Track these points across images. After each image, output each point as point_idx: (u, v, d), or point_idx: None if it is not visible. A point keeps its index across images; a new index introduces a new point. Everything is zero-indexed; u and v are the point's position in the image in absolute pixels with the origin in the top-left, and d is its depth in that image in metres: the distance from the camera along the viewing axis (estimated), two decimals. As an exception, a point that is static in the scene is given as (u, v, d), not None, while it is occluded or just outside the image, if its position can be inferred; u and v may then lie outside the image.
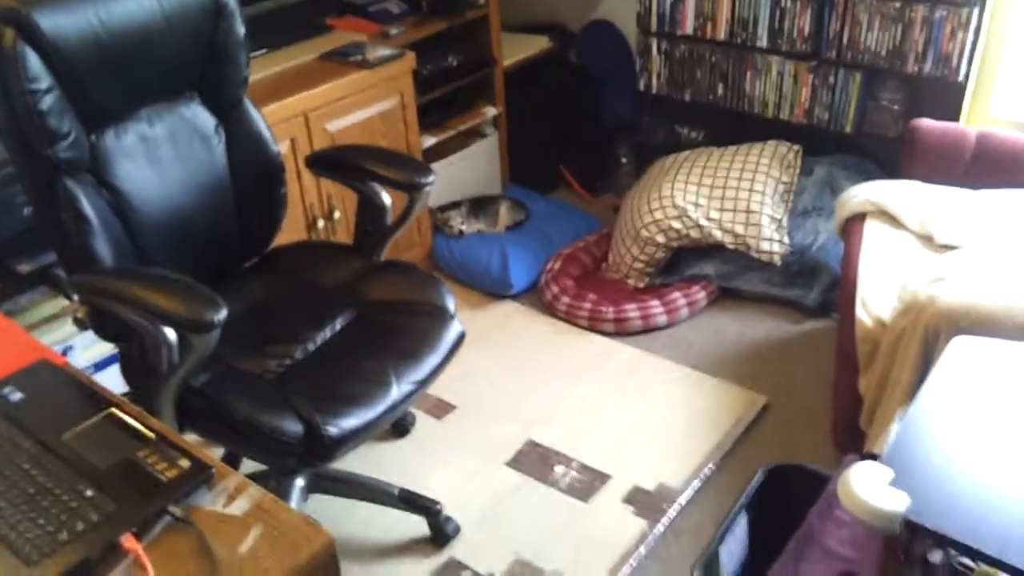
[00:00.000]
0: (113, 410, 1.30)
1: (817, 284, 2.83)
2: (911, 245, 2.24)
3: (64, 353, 2.11)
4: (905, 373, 1.91)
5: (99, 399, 1.33)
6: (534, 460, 2.36)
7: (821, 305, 2.83)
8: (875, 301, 2.08)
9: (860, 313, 2.07)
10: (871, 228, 2.29)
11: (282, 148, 2.37)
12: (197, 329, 1.53)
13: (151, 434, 1.25)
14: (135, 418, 1.29)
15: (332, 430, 1.66)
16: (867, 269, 2.15)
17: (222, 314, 1.52)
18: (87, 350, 2.14)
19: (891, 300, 2.06)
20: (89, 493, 1.13)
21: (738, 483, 2.24)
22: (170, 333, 1.57)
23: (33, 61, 1.58)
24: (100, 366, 2.17)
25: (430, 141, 3.10)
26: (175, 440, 1.24)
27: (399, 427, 2.45)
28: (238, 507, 1.16)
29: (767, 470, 1.76)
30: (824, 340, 2.73)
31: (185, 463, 1.19)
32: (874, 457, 1.25)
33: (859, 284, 2.12)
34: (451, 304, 2.01)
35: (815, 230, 2.89)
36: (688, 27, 3.11)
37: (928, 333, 1.86)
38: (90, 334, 1.80)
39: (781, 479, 1.76)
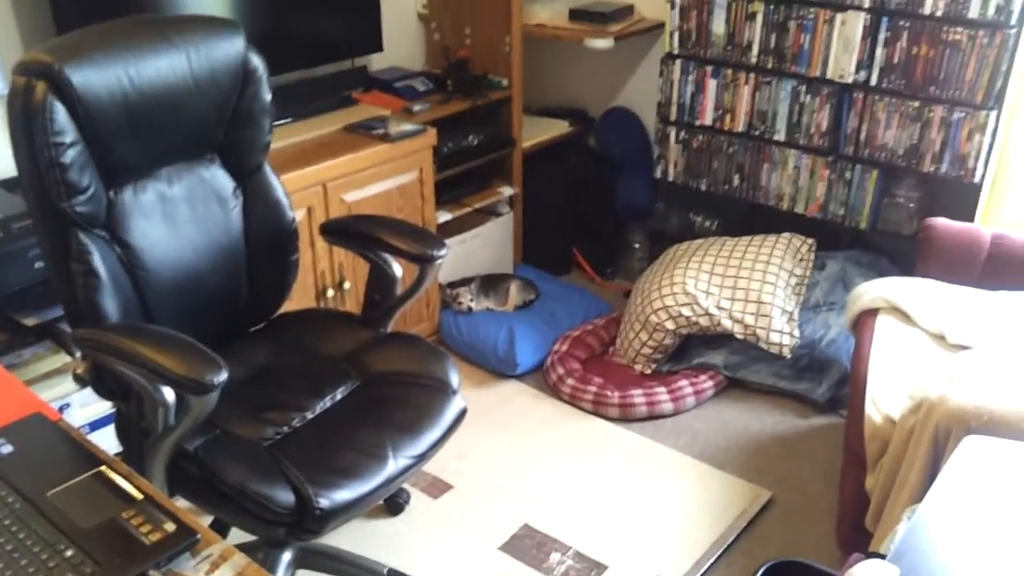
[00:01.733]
0: (103, 469, 1.28)
1: (826, 379, 2.80)
2: (923, 343, 2.21)
3: (61, 410, 2.09)
4: (914, 472, 1.86)
5: (90, 457, 1.31)
6: (529, 546, 2.30)
7: (829, 401, 2.79)
8: (885, 398, 2.04)
9: (870, 410, 2.03)
10: (883, 325, 2.28)
11: (298, 215, 2.38)
12: (196, 390, 1.51)
13: (139, 495, 1.23)
14: (124, 478, 1.26)
15: (324, 502, 1.62)
16: (878, 366, 2.13)
17: (222, 376, 1.50)
18: (84, 408, 2.13)
19: (901, 398, 2.02)
20: (69, 552, 1.10)
21: (740, 580, 2.18)
22: (168, 393, 1.56)
23: (61, 115, 1.60)
24: (96, 426, 2.15)
25: (445, 217, 3.12)
26: (162, 503, 1.22)
27: (393, 504, 2.40)
28: (220, 576, 1.13)
29: (769, 566, 1.71)
30: (831, 436, 2.69)
31: (170, 526, 1.16)
32: (880, 556, 1.20)
33: (869, 381, 2.09)
34: (455, 379, 1.99)
35: (826, 324, 2.87)
36: (707, 118, 3.15)
37: (939, 432, 1.82)
38: (88, 392, 1.79)
39: (783, 578, 1.70)
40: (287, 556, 1.92)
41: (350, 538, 2.28)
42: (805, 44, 2.86)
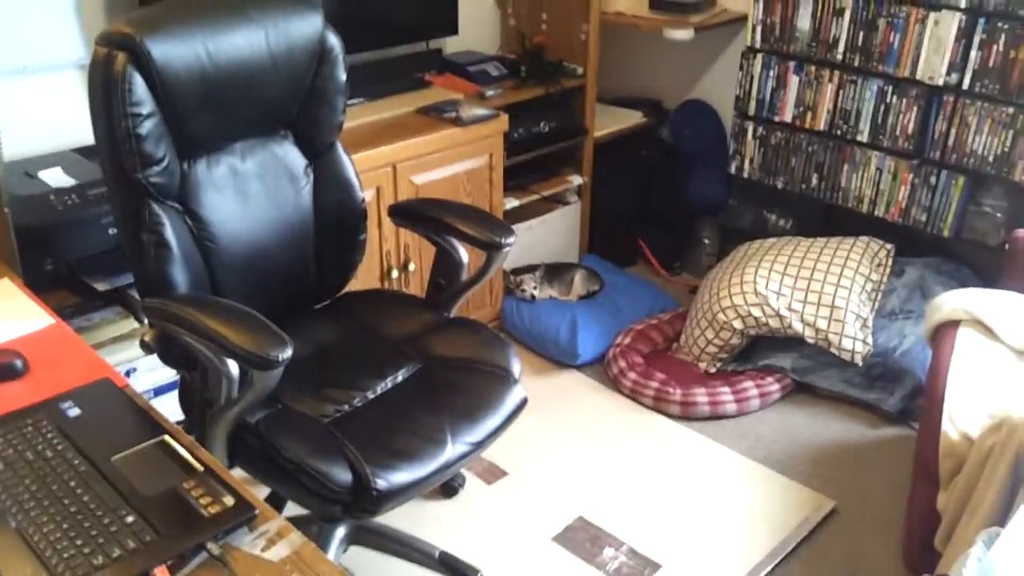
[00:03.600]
0: (166, 437, 1.29)
1: (899, 389, 2.71)
2: (1007, 360, 2.12)
3: (128, 374, 2.12)
4: (990, 494, 1.78)
5: (154, 425, 1.33)
6: (583, 539, 2.27)
7: (901, 412, 2.70)
8: (963, 415, 1.96)
9: (946, 426, 1.95)
10: (964, 337, 2.18)
11: (367, 195, 2.38)
12: (260, 365, 1.52)
13: (200, 466, 1.23)
14: (186, 448, 1.27)
15: (381, 483, 1.62)
16: (957, 380, 2.04)
17: (287, 353, 1.50)
18: (150, 374, 2.16)
19: (981, 416, 1.94)
20: (130, 519, 1.11)
21: (798, 591, 2.12)
22: (233, 366, 1.56)
23: (139, 86, 1.62)
24: (160, 391, 2.19)
25: (513, 203, 3.10)
26: (223, 475, 1.22)
27: (448, 488, 2.39)
28: (276, 553, 1.13)
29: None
30: (901, 449, 2.60)
31: (229, 500, 1.17)
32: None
33: (947, 395, 2.01)
34: (516, 368, 1.97)
35: (901, 333, 2.77)
36: (787, 115, 3.07)
37: (1020, 455, 1.74)
38: (154, 359, 1.81)
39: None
40: (341, 531, 1.93)
41: (403, 518, 2.28)
42: (895, 43, 2.76)
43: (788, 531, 2.30)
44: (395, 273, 2.69)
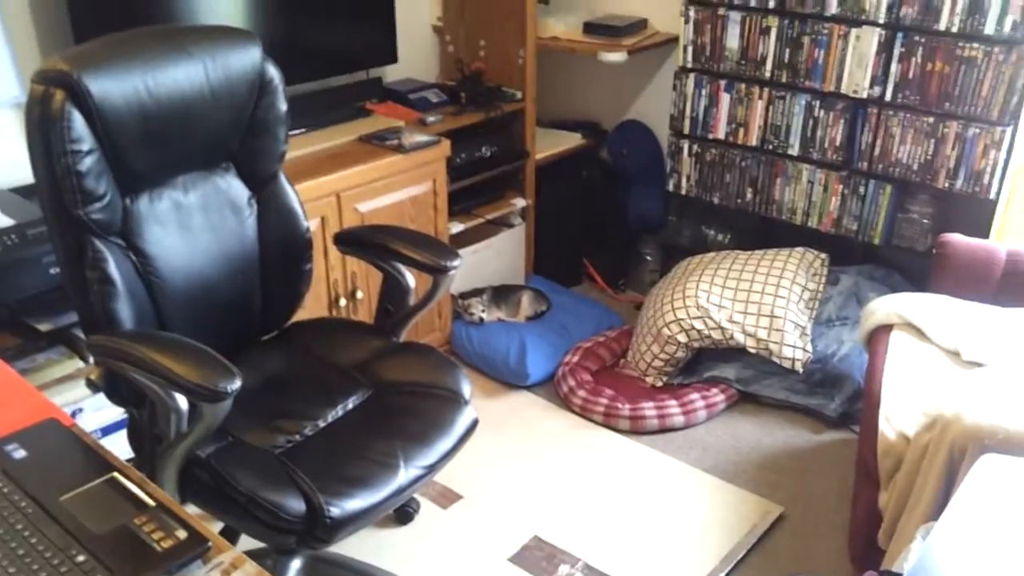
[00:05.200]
0: (115, 475, 1.28)
1: (839, 394, 2.79)
2: (937, 360, 2.20)
3: (74, 415, 2.10)
4: (928, 490, 1.85)
5: (102, 463, 1.31)
6: (539, 558, 2.29)
7: (842, 416, 2.77)
8: (899, 415, 2.03)
9: (883, 426, 2.02)
10: (897, 341, 2.26)
11: (312, 225, 2.39)
12: (209, 398, 1.52)
13: (151, 501, 1.23)
14: (136, 484, 1.26)
15: (334, 511, 1.62)
16: (891, 382, 2.11)
17: (235, 384, 1.51)
18: (97, 413, 2.13)
19: (916, 415, 2.01)
20: (81, 558, 1.10)
21: (750, 596, 2.16)
22: (181, 400, 1.56)
23: (78, 123, 1.61)
24: (108, 431, 2.16)
25: (458, 228, 3.13)
26: (175, 510, 1.22)
27: (403, 514, 2.39)
28: (231, 584, 1.13)
29: (781, 584, 1.70)
30: (843, 452, 2.67)
31: (182, 534, 1.16)
32: (894, 574, 1.19)
33: (883, 397, 2.08)
34: (467, 390, 1.99)
35: (839, 340, 2.86)
36: (720, 131, 3.15)
37: (954, 450, 1.81)
38: (101, 398, 1.79)
39: (795, 595, 1.69)
40: (297, 564, 1.91)
41: (359, 547, 2.27)
42: (819, 59, 2.86)
43: (738, 539, 2.35)
44: (343, 301, 2.69)
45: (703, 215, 3.38)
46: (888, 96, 2.77)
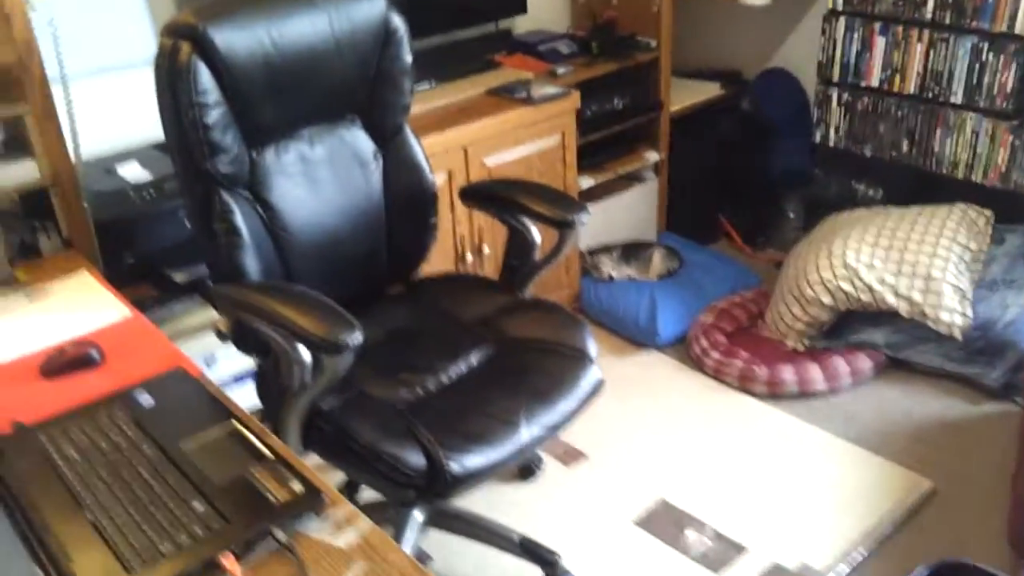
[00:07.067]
0: (236, 425, 1.29)
1: (1001, 363, 2.56)
2: (1121, 329, 1.97)
3: (208, 364, 2.16)
4: (1106, 474, 1.66)
5: (225, 412, 1.33)
6: (665, 522, 2.22)
7: (1004, 387, 2.55)
8: (1073, 388, 1.83)
9: (1054, 400, 1.83)
10: (1072, 306, 2.04)
11: (438, 179, 2.37)
12: (330, 350, 1.51)
13: (269, 453, 1.23)
14: (256, 435, 1.27)
15: (454, 467, 1.60)
16: (1065, 351, 1.91)
17: (357, 338, 1.49)
18: (230, 362, 2.19)
19: (1093, 389, 1.81)
20: (199, 506, 1.12)
21: (894, 574, 2.02)
22: (304, 352, 1.56)
23: (204, 75, 1.63)
24: (241, 379, 2.22)
25: (588, 182, 3.05)
26: (292, 462, 1.22)
27: (525, 469, 2.37)
28: (344, 539, 1.11)
29: (932, 567, 1.56)
30: (1004, 425, 2.46)
31: (298, 487, 1.16)
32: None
33: (1054, 368, 1.88)
34: (592, 349, 1.92)
35: (1003, 304, 2.62)
36: (874, 79, 2.93)
37: None
38: (233, 347, 1.83)
39: (946, 579, 1.56)
40: (418, 515, 1.92)
41: (481, 501, 2.27)
42: (990, -5, 2.60)
43: (882, 513, 2.20)
44: (469, 257, 2.67)
45: (852, 168, 3.17)
46: (1070, 34, 2.49)
